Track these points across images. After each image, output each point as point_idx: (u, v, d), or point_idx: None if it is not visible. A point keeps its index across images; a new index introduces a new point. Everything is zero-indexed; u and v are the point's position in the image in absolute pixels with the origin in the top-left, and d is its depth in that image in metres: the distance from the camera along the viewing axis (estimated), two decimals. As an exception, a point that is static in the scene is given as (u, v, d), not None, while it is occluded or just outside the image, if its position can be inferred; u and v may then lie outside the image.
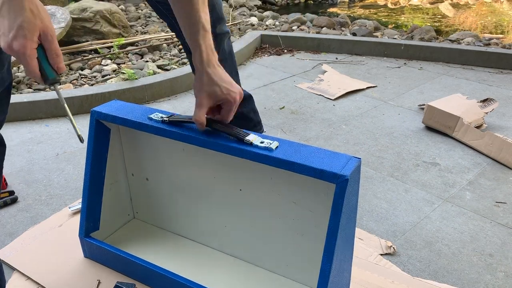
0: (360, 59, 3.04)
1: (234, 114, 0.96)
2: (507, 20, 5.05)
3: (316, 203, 0.95)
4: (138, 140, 1.15)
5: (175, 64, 2.77)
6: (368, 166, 1.74)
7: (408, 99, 2.39)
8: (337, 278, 0.89)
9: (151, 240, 1.22)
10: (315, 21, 3.94)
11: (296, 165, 0.84)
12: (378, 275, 1.15)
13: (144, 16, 4.04)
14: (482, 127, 2.00)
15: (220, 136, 0.94)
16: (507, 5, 5.92)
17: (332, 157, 0.85)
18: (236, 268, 1.12)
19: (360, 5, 6.08)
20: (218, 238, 1.16)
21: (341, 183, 0.80)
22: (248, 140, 0.90)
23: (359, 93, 2.48)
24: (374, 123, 2.11)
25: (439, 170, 1.72)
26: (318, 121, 2.14)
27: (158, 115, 1.02)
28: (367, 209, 1.47)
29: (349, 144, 1.92)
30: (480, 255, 1.28)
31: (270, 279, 1.09)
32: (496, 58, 2.84)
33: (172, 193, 1.17)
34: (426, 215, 1.45)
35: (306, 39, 3.25)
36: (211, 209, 1.12)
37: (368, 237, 1.32)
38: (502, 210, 1.48)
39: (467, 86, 2.56)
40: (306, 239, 1.00)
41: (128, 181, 1.24)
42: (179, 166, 1.11)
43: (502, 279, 1.19)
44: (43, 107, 2.14)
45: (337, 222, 0.81)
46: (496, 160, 1.77)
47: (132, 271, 1.10)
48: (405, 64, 2.94)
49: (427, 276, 1.20)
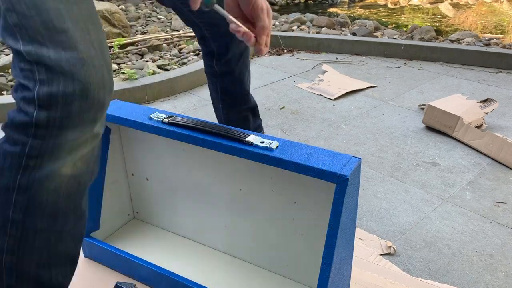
0: (360, 59, 3.04)
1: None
2: (507, 20, 5.05)
3: (316, 203, 0.95)
4: (138, 140, 1.15)
5: (175, 64, 2.77)
6: (368, 166, 1.74)
7: (408, 99, 2.39)
8: (337, 278, 0.89)
9: (151, 240, 1.22)
10: (315, 21, 3.94)
11: (296, 165, 0.84)
12: (378, 275, 1.15)
13: (144, 16, 4.04)
14: (482, 127, 2.00)
15: (220, 136, 0.94)
16: (507, 5, 5.92)
17: (332, 157, 0.85)
18: (236, 268, 1.12)
19: (360, 5, 6.08)
20: (218, 238, 1.16)
21: (341, 183, 0.80)
22: (248, 140, 0.90)
23: (359, 93, 2.48)
24: (374, 123, 2.11)
25: (439, 170, 1.72)
26: (318, 121, 2.14)
27: (158, 115, 1.02)
28: (367, 209, 1.47)
29: (349, 144, 1.91)
30: (480, 255, 1.28)
31: (270, 279, 1.09)
32: (496, 58, 2.84)
33: (172, 193, 1.17)
34: (426, 215, 1.45)
35: (306, 39, 3.25)
36: (211, 209, 1.12)
37: (368, 237, 1.32)
38: (502, 210, 1.48)
39: (467, 86, 2.56)
40: (306, 239, 1.00)
41: (128, 181, 1.24)
42: (179, 166, 1.11)
43: (502, 279, 1.19)
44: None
45: (337, 222, 0.81)
46: (496, 160, 1.77)
47: (132, 271, 1.10)
48: (405, 64, 2.94)
49: (427, 276, 1.20)
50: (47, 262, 0.73)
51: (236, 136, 0.92)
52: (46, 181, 0.66)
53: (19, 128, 0.65)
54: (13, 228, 0.69)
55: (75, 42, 0.62)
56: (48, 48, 0.61)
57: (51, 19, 0.61)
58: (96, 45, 0.65)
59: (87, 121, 0.66)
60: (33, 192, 0.66)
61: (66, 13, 0.62)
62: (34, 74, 0.61)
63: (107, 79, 0.67)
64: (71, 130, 0.64)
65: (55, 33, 0.61)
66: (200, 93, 2.49)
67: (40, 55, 0.60)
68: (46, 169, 0.65)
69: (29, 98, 0.62)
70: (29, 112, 0.63)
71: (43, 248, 0.72)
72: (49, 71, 0.61)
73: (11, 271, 0.71)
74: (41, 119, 0.63)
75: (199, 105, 2.33)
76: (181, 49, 3.08)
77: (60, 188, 0.68)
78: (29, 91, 0.62)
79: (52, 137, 0.64)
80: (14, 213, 0.68)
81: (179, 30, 3.57)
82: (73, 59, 0.62)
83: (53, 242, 0.73)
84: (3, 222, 0.69)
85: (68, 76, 0.62)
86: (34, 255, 0.71)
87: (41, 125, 0.63)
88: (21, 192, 0.66)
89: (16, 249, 0.70)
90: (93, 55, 0.64)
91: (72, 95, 0.62)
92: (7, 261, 0.70)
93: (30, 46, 0.61)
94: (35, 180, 0.66)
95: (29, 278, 0.73)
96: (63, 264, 0.77)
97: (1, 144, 0.68)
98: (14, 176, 0.66)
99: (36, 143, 0.64)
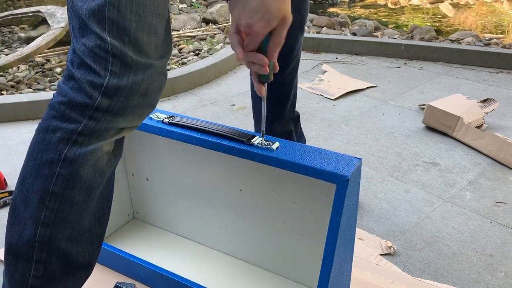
0: (360, 59, 3.04)
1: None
2: (507, 20, 5.05)
3: (316, 203, 0.95)
4: (138, 140, 1.15)
5: (175, 64, 2.76)
6: (368, 166, 1.73)
7: (408, 99, 2.39)
8: (337, 278, 0.89)
9: (151, 240, 1.22)
10: (315, 21, 3.94)
11: (297, 165, 0.84)
12: (378, 275, 1.15)
13: (144, 16, 4.04)
14: (482, 127, 2.00)
15: (220, 136, 0.94)
16: (507, 5, 5.92)
17: (333, 157, 0.85)
18: (236, 268, 1.12)
19: (360, 5, 6.08)
20: (218, 238, 1.16)
21: (342, 183, 0.80)
22: (249, 140, 0.90)
23: (359, 93, 2.48)
24: (374, 123, 2.11)
25: (439, 170, 1.72)
26: (318, 121, 2.14)
27: (158, 115, 1.02)
28: (367, 209, 1.47)
29: (349, 144, 1.91)
30: (480, 255, 1.28)
31: (270, 279, 1.09)
32: (496, 58, 2.84)
33: (172, 193, 1.17)
34: (426, 215, 1.45)
35: (306, 39, 3.24)
36: (211, 209, 1.12)
37: (368, 237, 1.32)
38: (502, 210, 1.48)
39: (467, 86, 2.56)
40: (306, 239, 1.00)
41: (128, 181, 1.24)
42: (179, 166, 1.11)
43: (502, 279, 1.19)
44: (43, 107, 2.13)
45: (337, 222, 0.81)
46: (496, 160, 1.77)
47: (132, 271, 1.10)
48: (405, 64, 2.94)
49: (427, 276, 1.20)
50: (77, 238, 0.77)
51: (236, 136, 0.92)
52: (90, 156, 0.72)
53: (77, 108, 0.69)
54: (51, 200, 0.73)
55: (151, 53, 0.70)
56: (129, 50, 0.67)
57: (143, 30, 0.68)
58: (166, 58, 0.75)
59: (138, 115, 0.74)
60: (77, 166, 0.71)
61: (154, 29, 0.70)
62: (107, 63, 0.67)
63: (163, 85, 0.76)
64: (122, 119, 0.72)
65: (141, 41, 0.69)
66: (200, 93, 2.49)
67: (124, 52, 0.67)
68: (92, 146, 0.71)
69: (98, 84, 0.67)
70: (93, 96, 0.68)
71: (75, 222, 0.76)
72: (124, 67, 0.68)
73: (42, 245, 0.74)
74: (103, 105, 0.68)
75: (199, 105, 2.33)
76: (181, 49, 3.08)
77: (98, 163, 0.75)
78: (98, 77, 0.67)
79: (106, 122, 0.70)
80: (55, 186, 0.72)
81: (179, 30, 3.57)
82: (146, 64, 0.70)
83: (85, 217, 0.77)
84: (42, 195, 0.72)
85: (138, 76, 0.69)
86: (67, 229, 0.75)
87: (100, 110, 0.69)
88: (66, 166, 0.71)
89: (51, 222, 0.74)
90: (160, 66, 0.73)
91: (135, 92, 0.70)
92: (41, 234, 0.74)
93: (116, 40, 0.66)
94: (80, 155, 0.71)
95: (59, 253, 0.76)
96: (91, 242, 0.81)
97: (50, 120, 0.72)
98: (61, 150, 0.71)
99: (91, 123, 0.69)
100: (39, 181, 0.72)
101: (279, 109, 1.29)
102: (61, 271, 0.77)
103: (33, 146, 0.74)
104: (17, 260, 0.76)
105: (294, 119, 1.36)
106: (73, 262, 0.78)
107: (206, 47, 3.09)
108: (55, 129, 0.71)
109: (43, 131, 0.72)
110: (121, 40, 0.67)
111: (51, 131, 0.71)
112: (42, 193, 0.72)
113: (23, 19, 3.22)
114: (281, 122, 1.31)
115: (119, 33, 0.66)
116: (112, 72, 0.67)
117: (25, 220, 0.75)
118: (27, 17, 3.16)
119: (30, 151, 0.74)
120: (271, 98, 1.23)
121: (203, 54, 2.94)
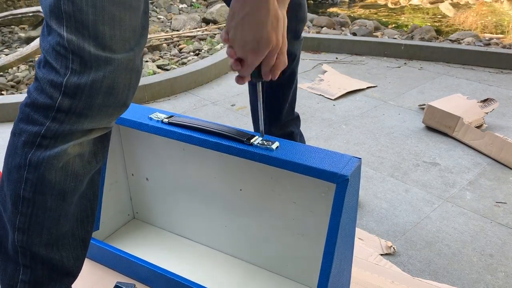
0: (360, 59, 3.04)
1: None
2: (507, 20, 5.05)
3: (316, 203, 0.95)
4: (138, 140, 1.15)
5: (175, 64, 2.77)
6: (368, 166, 1.73)
7: (408, 99, 2.39)
8: (337, 278, 0.89)
9: (151, 240, 1.22)
10: (315, 21, 3.94)
11: (297, 165, 0.84)
12: (378, 275, 1.15)
13: (144, 16, 4.04)
14: (482, 127, 2.00)
15: (220, 136, 0.94)
16: (507, 5, 5.92)
17: (333, 157, 0.85)
18: (236, 268, 1.12)
19: (360, 5, 6.08)
20: (218, 238, 1.16)
21: (342, 183, 0.80)
22: (248, 140, 0.90)
23: (359, 93, 2.48)
24: (374, 123, 2.11)
25: (439, 170, 1.72)
26: (318, 121, 2.14)
27: (158, 115, 1.02)
28: (367, 209, 1.47)
29: (349, 144, 1.91)
30: (480, 255, 1.28)
31: (270, 279, 1.09)
32: (496, 58, 2.84)
33: (172, 193, 1.17)
34: (426, 215, 1.45)
35: (306, 39, 3.25)
36: (211, 209, 1.12)
37: (368, 237, 1.32)
38: (502, 210, 1.48)
39: (467, 86, 2.55)
40: (306, 239, 1.00)
41: (128, 181, 1.24)
42: (179, 166, 1.11)
43: (502, 279, 1.19)
44: (43, 107, 2.13)
45: (337, 222, 0.81)
46: (496, 160, 1.77)
47: (132, 271, 1.10)
48: (405, 64, 2.94)
49: (427, 276, 1.20)
50: (57, 243, 0.75)
51: (236, 136, 0.92)
52: (55, 159, 0.69)
53: (40, 109, 0.67)
54: (24, 206, 0.71)
55: (116, 46, 0.65)
56: (89, 44, 0.63)
57: (103, 22, 0.63)
58: (135, 52, 0.68)
59: (106, 115, 0.69)
60: (42, 170, 0.69)
61: (117, 21, 0.64)
62: (67, 61, 0.63)
63: (134, 82, 0.70)
64: (88, 120, 0.67)
65: (102, 35, 0.63)
66: (200, 93, 2.49)
67: (81, 47, 0.62)
68: (56, 149, 0.68)
69: (57, 83, 0.64)
70: (53, 96, 0.65)
71: (52, 227, 0.73)
72: (84, 64, 0.63)
73: (24, 250, 0.73)
74: (64, 105, 0.65)
75: (199, 105, 2.33)
76: (181, 49, 3.08)
77: (68, 166, 0.71)
78: (58, 76, 0.64)
79: (70, 123, 0.67)
80: (24, 191, 0.70)
81: (179, 30, 3.57)
82: (109, 59, 0.64)
83: (62, 222, 0.74)
84: (15, 200, 0.71)
85: (99, 72, 0.64)
86: (44, 234, 0.73)
87: (62, 110, 0.65)
88: (32, 170, 0.69)
89: (26, 227, 0.72)
90: (128, 59, 0.67)
91: (98, 90, 0.65)
92: (19, 239, 0.72)
93: (74, 36, 0.63)
94: (44, 158, 0.68)
95: (42, 259, 0.74)
96: (74, 247, 0.78)
97: (17, 122, 0.70)
98: (26, 154, 0.68)
99: (54, 125, 0.66)
100: (11, 186, 0.71)
101: (275, 113, 1.29)
102: (48, 276, 0.75)
103: (7, 150, 0.72)
104: (6, 263, 0.75)
105: (294, 120, 1.36)
106: (58, 267, 0.76)
107: (206, 47, 3.09)
108: (20, 132, 0.69)
109: (12, 135, 0.70)
110: (80, 34, 0.62)
111: (17, 134, 0.69)
112: (15, 197, 0.71)
113: (23, 19, 3.22)
114: (278, 124, 1.31)
115: (77, 27, 0.62)
116: (72, 70, 0.64)
117: (5, 224, 0.74)
118: (27, 17, 3.17)
119: (5, 155, 0.72)
120: (268, 102, 1.24)
121: (203, 54, 2.94)
